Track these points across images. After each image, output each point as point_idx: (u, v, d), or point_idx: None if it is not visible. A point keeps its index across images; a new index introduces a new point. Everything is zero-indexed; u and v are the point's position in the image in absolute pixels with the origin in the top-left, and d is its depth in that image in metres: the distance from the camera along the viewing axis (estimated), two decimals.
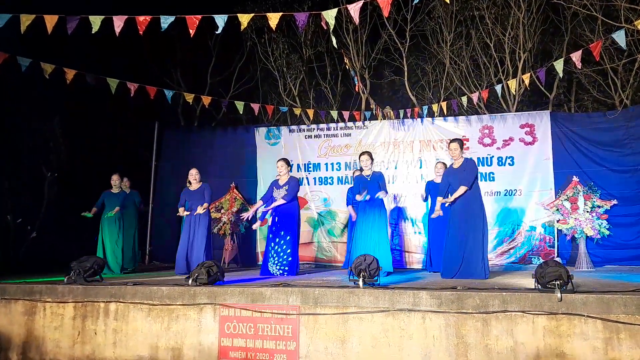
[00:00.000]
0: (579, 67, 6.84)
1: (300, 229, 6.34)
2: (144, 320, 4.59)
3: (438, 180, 6.55)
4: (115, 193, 7.15)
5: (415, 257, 8.03)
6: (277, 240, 6.14)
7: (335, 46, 5.65)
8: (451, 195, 5.51)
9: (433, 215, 6.01)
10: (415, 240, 8.11)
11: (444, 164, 6.91)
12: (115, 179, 7.20)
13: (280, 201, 6.17)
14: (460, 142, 5.72)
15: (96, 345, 4.68)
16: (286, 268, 6.05)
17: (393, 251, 7.71)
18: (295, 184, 6.25)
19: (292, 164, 8.70)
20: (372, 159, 6.24)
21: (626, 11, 7.56)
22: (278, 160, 6.45)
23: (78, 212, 6.95)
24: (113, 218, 7.03)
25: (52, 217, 8.16)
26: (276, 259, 6.10)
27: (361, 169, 6.32)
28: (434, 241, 6.59)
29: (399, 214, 8.28)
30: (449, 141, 6.05)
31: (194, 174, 6.61)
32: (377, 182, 6.07)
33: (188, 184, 6.72)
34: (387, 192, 6.05)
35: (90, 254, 5.47)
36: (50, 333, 4.82)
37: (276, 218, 6.27)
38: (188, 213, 6.48)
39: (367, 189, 6.09)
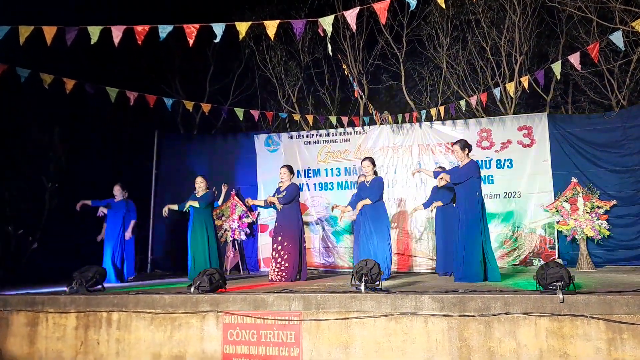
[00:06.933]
0: (579, 69, 6.86)
1: (302, 236, 6.31)
2: (147, 329, 4.59)
3: (439, 183, 6.55)
4: (117, 202, 7.25)
5: (418, 261, 8.03)
6: (275, 246, 6.18)
7: (331, 53, 5.66)
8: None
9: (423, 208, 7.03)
10: (417, 244, 8.11)
11: (443, 168, 6.94)
12: (116, 190, 7.27)
13: (274, 199, 6.26)
14: (462, 143, 5.57)
15: (99, 355, 4.68)
16: (283, 274, 6.04)
17: (395, 255, 7.73)
18: (293, 189, 6.27)
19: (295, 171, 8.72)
20: (373, 165, 6.26)
21: (621, 12, 7.61)
22: (281, 167, 6.49)
23: (79, 222, 6.97)
24: (117, 228, 7.07)
25: (53, 228, 8.15)
26: (274, 265, 6.11)
27: (365, 175, 6.35)
28: (441, 244, 6.62)
29: (399, 217, 8.29)
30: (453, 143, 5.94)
31: (199, 182, 6.78)
32: (372, 188, 6.12)
33: (194, 191, 6.83)
34: (375, 199, 6.06)
35: (92, 264, 5.46)
36: (52, 344, 4.82)
37: (276, 224, 6.32)
38: (173, 207, 6.71)
39: (365, 194, 6.14)
